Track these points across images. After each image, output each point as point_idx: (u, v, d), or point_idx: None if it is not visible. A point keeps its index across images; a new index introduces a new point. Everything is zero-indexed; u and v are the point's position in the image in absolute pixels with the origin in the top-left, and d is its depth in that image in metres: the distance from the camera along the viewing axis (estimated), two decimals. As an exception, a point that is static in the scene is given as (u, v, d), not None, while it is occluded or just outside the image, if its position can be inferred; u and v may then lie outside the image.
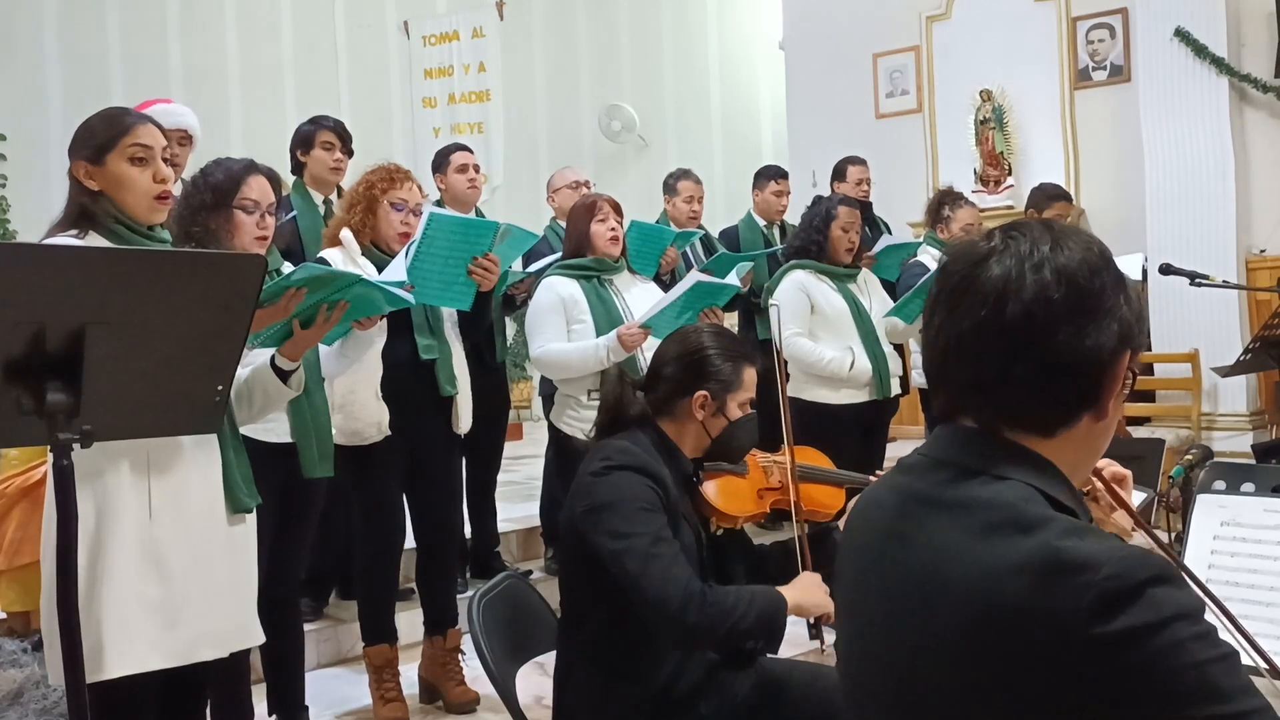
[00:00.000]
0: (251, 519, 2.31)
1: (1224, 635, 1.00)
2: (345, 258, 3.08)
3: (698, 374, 2.21)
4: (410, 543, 3.40)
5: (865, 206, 5.39)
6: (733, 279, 3.54)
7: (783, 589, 2.11)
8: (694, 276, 3.38)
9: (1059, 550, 0.99)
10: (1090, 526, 1.07)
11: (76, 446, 1.58)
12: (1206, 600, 1.22)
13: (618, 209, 3.54)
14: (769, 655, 2.30)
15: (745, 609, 2.01)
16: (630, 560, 1.98)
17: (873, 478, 2.43)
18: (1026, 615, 0.98)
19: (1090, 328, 1.07)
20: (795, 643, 2.54)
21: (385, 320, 3.02)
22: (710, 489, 2.28)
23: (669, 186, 5.13)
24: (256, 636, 2.30)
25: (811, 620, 2.19)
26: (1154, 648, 0.94)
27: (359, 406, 3.07)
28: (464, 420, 3.29)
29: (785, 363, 2.65)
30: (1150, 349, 1.19)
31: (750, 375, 2.26)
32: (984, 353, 1.08)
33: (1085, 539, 1.01)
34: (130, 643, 2.04)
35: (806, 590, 2.15)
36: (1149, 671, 0.94)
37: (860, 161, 5.45)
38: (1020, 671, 0.98)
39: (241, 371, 2.32)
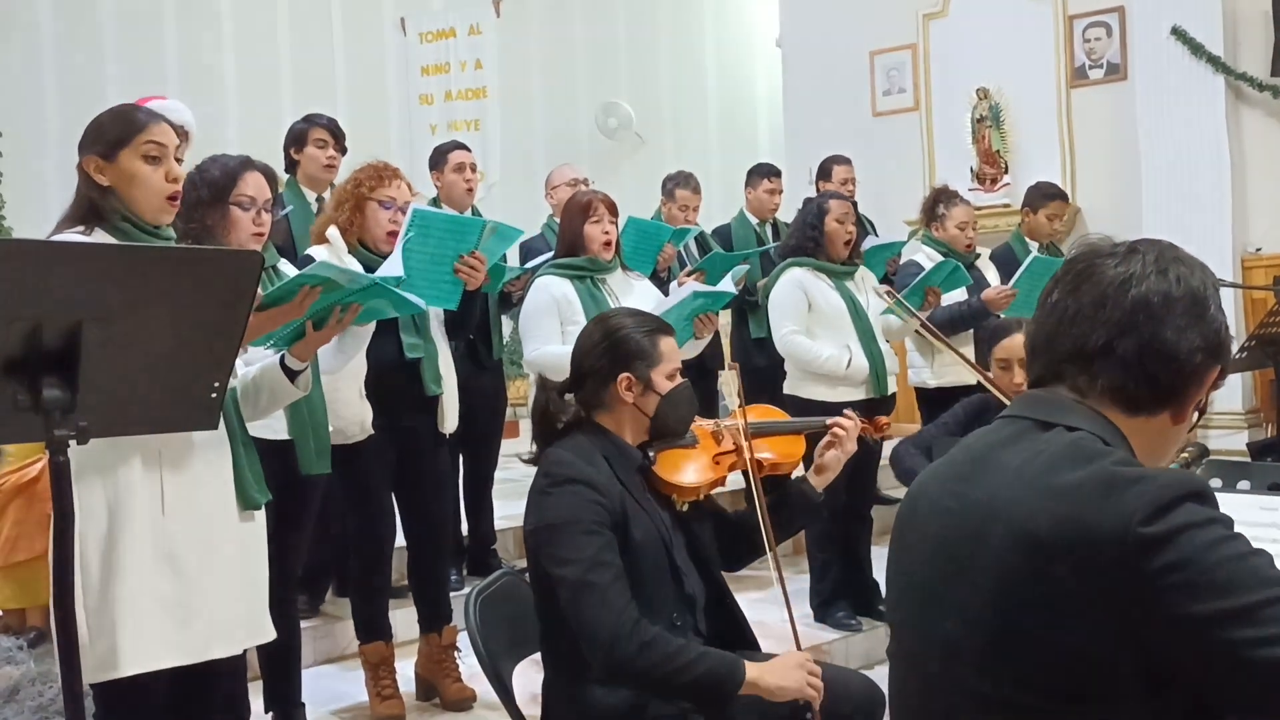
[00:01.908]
0: (261, 516, 2.31)
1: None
2: (332, 255, 3.04)
3: (615, 357, 2.21)
4: (402, 541, 3.39)
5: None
6: (728, 285, 3.54)
7: (752, 665, 2.00)
8: (691, 287, 3.39)
9: (1117, 471, 1.14)
10: (1140, 463, 1.20)
11: (74, 443, 1.58)
12: None
13: (613, 209, 3.51)
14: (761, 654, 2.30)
15: (686, 664, 1.93)
16: (564, 588, 2.00)
17: (828, 420, 2.46)
18: (1087, 523, 1.11)
19: (1194, 330, 1.21)
20: (789, 640, 2.54)
21: None
22: (663, 468, 2.27)
23: (667, 190, 5.13)
24: (268, 633, 2.30)
25: (802, 704, 2.04)
26: (1196, 542, 1.08)
27: (342, 405, 3.05)
28: (450, 420, 3.28)
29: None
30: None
31: (669, 344, 2.26)
32: (1099, 323, 1.22)
33: (1138, 466, 1.17)
34: (145, 640, 2.04)
35: (782, 670, 2.01)
36: (1195, 563, 1.08)
37: (845, 161, 5.45)
38: (1081, 582, 1.10)
39: (249, 370, 2.32)
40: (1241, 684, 1.09)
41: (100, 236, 2.08)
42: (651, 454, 2.27)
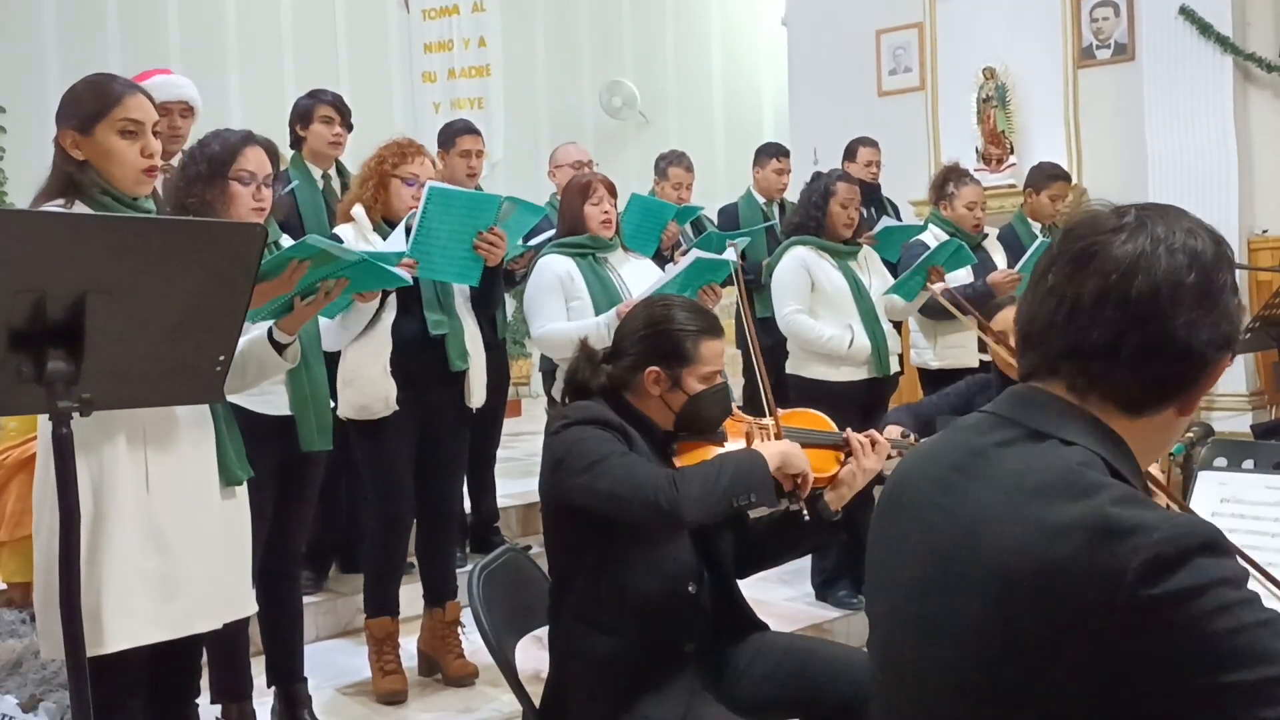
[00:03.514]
0: (243, 491, 2.32)
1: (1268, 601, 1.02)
2: (357, 233, 3.10)
3: (652, 349, 2.20)
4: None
5: (874, 188, 5.38)
6: (730, 254, 3.54)
7: (763, 447, 2.15)
8: (694, 253, 3.39)
9: (1111, 515, 1.00)
10: (1144, 497, 1.07)
11: (76, 415, 1.58)
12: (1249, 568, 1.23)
13: (611, 190, 3.54)
14: (770, 630, 2.30)
15: (716, 475, 2.03)
16: (599, 480, 2.01)
17: (851, 435, 2.34)
18: (1073, 575, 0.99)
19: (1207, 321, 1.08)
20: (795, 618, 2.55)
21: (395, 295, 3.03)
22: (684, 460, 2.25)
23: (660, 169, 5.13)
24: (249, 607, 2.31)
25: (792, 501, 2.19)
26: (1197, 610, 0.96)
27: (367, 381, 3.08)
28: (476, 394, 3.30)
29: (754, 327, 2.61)
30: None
31: (711, 348, 2.22)
32: (1100, 320, 1.08)
33: (1137, 507, 1.02)
34: (129, 616, 2.05)
35: (787, 446, 2.17)
36: (1191, 634, 0.96)
37: (872, 143, 5.43)
38: (1063, 631, 0.99)
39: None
40: None
41: (80, 209, 2.08)
42: (675, 444, 2.26)
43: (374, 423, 3.12)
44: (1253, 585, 1.02)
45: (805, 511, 2.20)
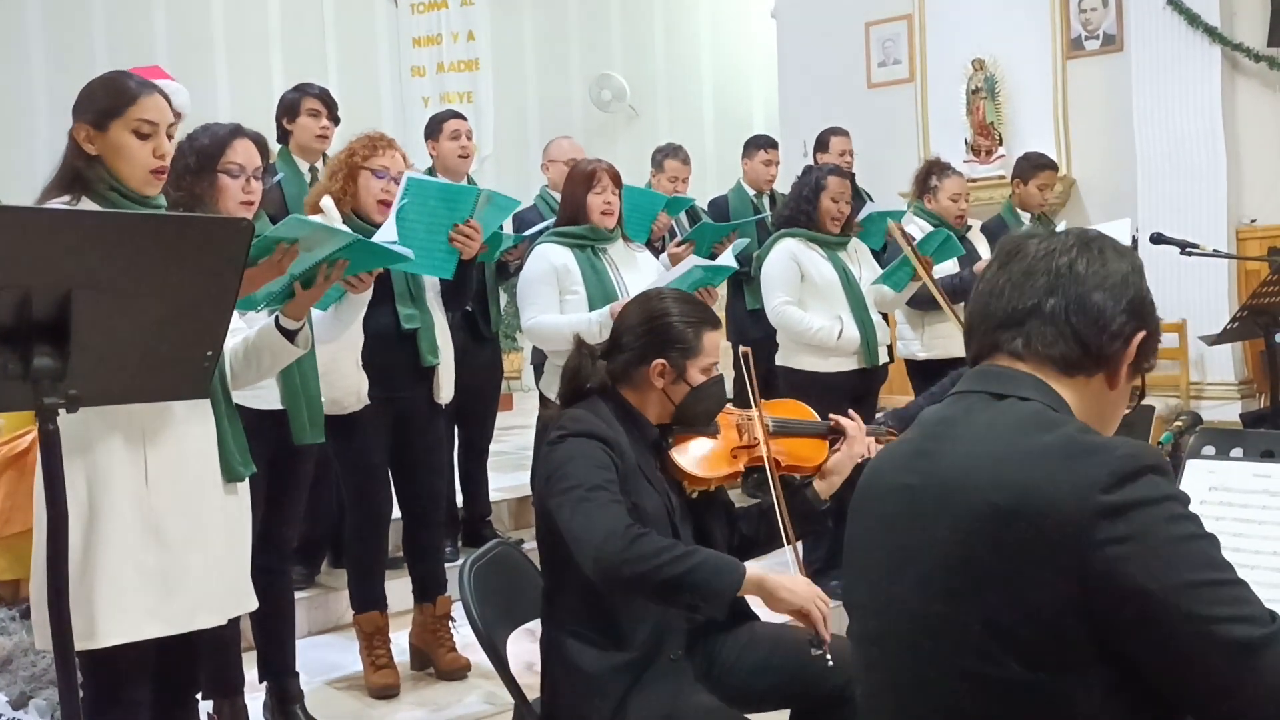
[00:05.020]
0: (245, 487, 2.30)
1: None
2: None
3: (656, 342, 2.19)
4: (397, 511, 3.40)
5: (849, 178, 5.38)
6: (729, 259, 3.53)
7: (759, 572, 1.96)
8: (691, 260, 3.40)
9: (1079, 439, 1.18)
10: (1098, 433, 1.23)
11: (63, 411, 1.57)
12: None
13: (616, 180, 3.50)
14: (759, 620, 2.30)
15: (681, 555, 1.89)
16: (564, 508, 1.98)
17: (832, 419, 2.38)
18: (1047, 492, 1.13)
19: (1120, 293, 1.28)
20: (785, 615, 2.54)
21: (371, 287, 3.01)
22: (679, 453, 2.24)
23: (656, 162, 5.14)
24: (251, 603, 2.30)
25: (814, 645, 1.98)
26: (1153, 516, 1.12)
27: (339, 375, 3.05)
28: (445, 390, 3.28)
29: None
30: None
31: (712, 339, 2.23)
32: (1030, 287, 1.28)
33: (1098, 434, 1.21)
34: (125, 611, 2.04)
35: (791, 580, 1.98)
36: (1151, 537, 1.11)
37: (843, 133, 5.44)
38: (1039, 551, 1.12)
39: (248, 332, 2.32)
40: (1185, 662, 1.10)
41: (86, 205, 2.06)
42: (670, 438, 2.24)
43: (346, 418, 3.09)
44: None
45: (829, 658, 1.95)
